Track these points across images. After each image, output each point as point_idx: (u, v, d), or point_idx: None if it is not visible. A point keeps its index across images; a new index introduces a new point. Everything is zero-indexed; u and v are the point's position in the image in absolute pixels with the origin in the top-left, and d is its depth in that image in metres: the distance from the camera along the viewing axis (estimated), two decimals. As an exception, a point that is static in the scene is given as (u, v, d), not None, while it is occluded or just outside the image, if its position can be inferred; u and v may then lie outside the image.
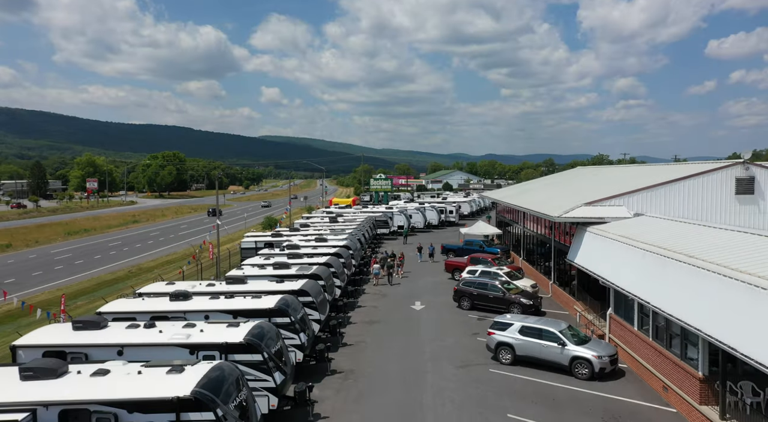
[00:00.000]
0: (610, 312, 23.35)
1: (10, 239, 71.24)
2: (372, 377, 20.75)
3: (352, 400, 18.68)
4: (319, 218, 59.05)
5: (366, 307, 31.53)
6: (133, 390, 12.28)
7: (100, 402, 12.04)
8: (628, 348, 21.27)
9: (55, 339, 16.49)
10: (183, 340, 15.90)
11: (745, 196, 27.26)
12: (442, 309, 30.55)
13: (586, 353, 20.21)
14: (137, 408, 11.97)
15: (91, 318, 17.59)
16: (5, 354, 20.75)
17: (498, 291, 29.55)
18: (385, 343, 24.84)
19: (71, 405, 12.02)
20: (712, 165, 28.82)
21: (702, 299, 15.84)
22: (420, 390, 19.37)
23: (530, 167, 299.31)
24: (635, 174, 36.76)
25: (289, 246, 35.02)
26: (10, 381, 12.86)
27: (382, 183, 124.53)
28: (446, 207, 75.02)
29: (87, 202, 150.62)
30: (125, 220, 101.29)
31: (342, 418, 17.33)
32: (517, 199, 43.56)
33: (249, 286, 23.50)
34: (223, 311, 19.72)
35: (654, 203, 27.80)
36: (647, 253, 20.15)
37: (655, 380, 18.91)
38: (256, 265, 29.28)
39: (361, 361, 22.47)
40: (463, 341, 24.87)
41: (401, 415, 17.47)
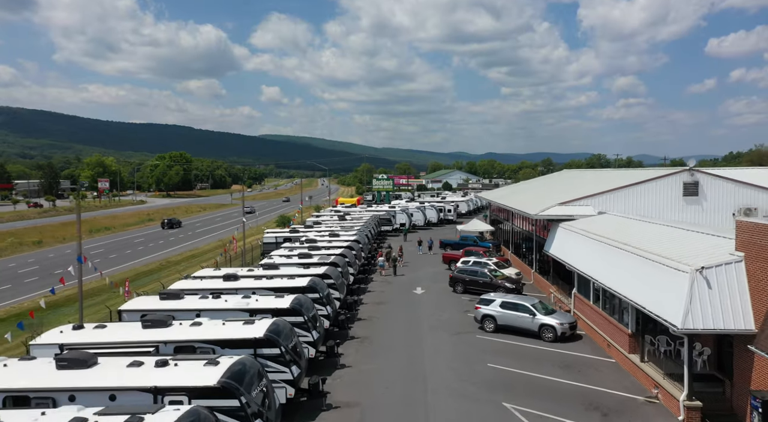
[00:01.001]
0: (574, 291, 28.88)
1: (40, 236, 76.83)
2: (382, 341, 26.25)
3: (368, 356, 24.19)
4: (329, 217, 64.56)
5: (374, 292, 37.05)
6: (223, 334, 17.78)
7: (201, 340, 17.56)
8: (585, 318, 26.83)
9: (149, 305, 21.99)
10: (244, 306, 21.41)
11: (691, 197, 32.80)
12: (440, 293, 36.07)
13: (552, 321, 25.76)
14: (227, 345, 17.43)
15: (172, 290, 23.15)
16: (104, 316, 26.55)
17: (486, 277, 35.07)
18: (391, 318, 30.37)
19: (182, 343, 17.54)
20: (665, 171, 34.40)
21: (629, 274, 21.40)
22: (421, 350, 24.88)
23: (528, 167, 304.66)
24: (607, 177, 42.35)
25: (307, 240, 40.56)
26: (134, 329, 18.37)
27: (384, 183, 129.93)
28: (445, 206, 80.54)
29: (99, 201, 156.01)
30: (141, 219, 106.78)
31: (361, 367, 22.83)
32: (506, 199, 49.15)
33: (281, 271, 29.02)
34: (266, 288, 25.18)
35: (616, 202, 33.35)
36: (598, 243, 25.69)
37: (601, 339, 24.46)
38: (283, 255, 34.82)
39: (374, 330, 28.00)
40: (456, 316, 30.38)
41: (406, 366, 22.97)
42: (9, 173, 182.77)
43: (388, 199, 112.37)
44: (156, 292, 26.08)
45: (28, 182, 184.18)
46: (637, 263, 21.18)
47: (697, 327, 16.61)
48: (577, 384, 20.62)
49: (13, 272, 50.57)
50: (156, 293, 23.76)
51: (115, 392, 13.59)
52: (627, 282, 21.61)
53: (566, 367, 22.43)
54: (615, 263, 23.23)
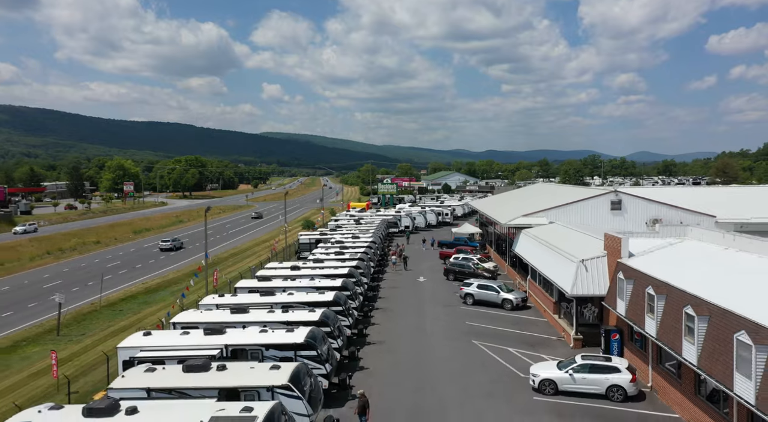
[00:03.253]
0: (528, 278, 41.95)
1: (96, 237, 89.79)
2: (398, 311, 39.27)
3: (389, 319, 37.21)
4: (346, 221, 77.56)
5: (389, 280, 50.09)
6: (270, 339, 28.52)
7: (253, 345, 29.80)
8: (534, 294, 39.95)
9: (224, 300, 33.75)
10: (304, 299, 33.96)
11: (616, 211, 45.79)
12: (436, 281, 49.10)
13: (510, 296, 38.83)
14: (274, 347, 28.73)
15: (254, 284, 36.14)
16: (190, 302, 39.50)
17: (471, 269, 48.13)
18: (403, 296, 43.42)
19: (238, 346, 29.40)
20: (598, 191, 47.64)
21: (552, 264, 34.46)
22: (423, 315, 37.91)
23: (525, 167, 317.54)
24: (563, 192, 55.53)
25: (337, 242, 53.62)
26: (196, 335, 29.38)
27: (388, 187, 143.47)
28: (443, 210, 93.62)
29: (125, 203, 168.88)
30: (172, 220, 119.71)
31: (385, 325, 35.79)
32: (488, 209, 62.32)
33: (325, 264, 42.02)
34: (320, 276, 38.05)
35: (564, 214, 46.31)
36: (542, 245, 38.76)
37: (541, 307, 37.58)
38: (323, 253, 47.87)
39: (391, 304, 41.05)
40: (447, 295, 43.41)
41: (414, 324, 35.96)
42: (38, 175, 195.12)
43: (392, 202, 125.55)
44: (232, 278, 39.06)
45: (56, 184, 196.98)
46: (556, 257, 34.25)
47: (578, 293, 29.68)
48: (520, 332, 33.68)
49: (102, 266, 63.39)
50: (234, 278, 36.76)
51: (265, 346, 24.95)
52: (551, 269, 34.63)
53: (516, 324, 35.49)
54: (547, 257, 36.30)
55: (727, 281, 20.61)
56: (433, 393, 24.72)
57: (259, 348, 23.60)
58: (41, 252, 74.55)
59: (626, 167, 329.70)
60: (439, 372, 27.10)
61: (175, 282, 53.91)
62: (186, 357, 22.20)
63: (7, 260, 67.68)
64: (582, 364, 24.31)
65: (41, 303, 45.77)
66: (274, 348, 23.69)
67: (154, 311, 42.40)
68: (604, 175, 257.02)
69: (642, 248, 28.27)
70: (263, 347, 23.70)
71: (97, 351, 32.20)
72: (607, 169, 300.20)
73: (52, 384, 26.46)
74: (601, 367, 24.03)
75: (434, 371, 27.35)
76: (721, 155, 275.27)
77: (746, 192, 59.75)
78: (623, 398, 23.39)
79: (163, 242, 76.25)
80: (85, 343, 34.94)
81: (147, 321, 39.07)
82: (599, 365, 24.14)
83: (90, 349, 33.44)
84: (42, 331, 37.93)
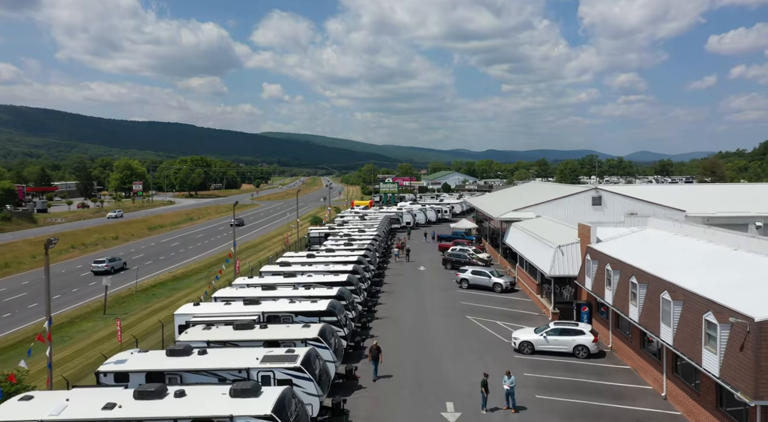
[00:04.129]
0: (517, 265, 47.26)
1: (114, 233, 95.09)
2: (401, 293, 44.57)
3: (394, 300, 42.48)
4: (351, 217, 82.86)
5: (393, 269, 55.38)
6: (298, 307, 34.39)
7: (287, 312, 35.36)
8: (521, 278, 45.28)
9: (254, 281, 39.55)
10: (322, 280, 39.41)
11: (596, 206, 51.06)
12: (435, 269, 54.38)
13: (500, 280, 44.14)
14: (302, 314, 34.46)
15: (277, 269, 41.46)
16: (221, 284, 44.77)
17: (466, 258, 53.42)
18: (406, 282, 48.71)
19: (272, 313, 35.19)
20: (580, 188, 52.97)
21: (536, 250, 39.79)
22: (423, 296, 43.20)
23: (524, 167, 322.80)
24: (551, 189, 60.79)
25: (345, 235, 58.88)
26: (236, 305, 35.23)
27: (390, 186, 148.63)
28: (442, 208, 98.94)
29: (134, 202, 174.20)
30: (183, 218, 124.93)
31: (391, 305, 41.06)
32: (483, 205, 67.60)
33: (337, 253, 47.32)
34: (333, 262, 43.32)
35: (549, 209, 51.58)
36: (528, 235, 44.07)
37: (527, 289, 42.92)
38: (333, 244, 53.15)
39: (395, 287, 46.36)
40: (445, 281, 48.69)
41: (415, 304, 41.23)
42: (50, 176, 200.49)
43: (394, 200, 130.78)
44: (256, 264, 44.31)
45: (66, 183, 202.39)
46: (538, 244, 39.56)
47: (556, 273, 35.01)
48: (506, 309, 39.00)
49: (128, 258, 68.54)
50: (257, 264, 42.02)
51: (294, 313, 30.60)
52: (534, 254, 39.93)
53: (504, 303, 40.81)
54: (531, 245, 41.61)
55: (667, 258, 25.95)
56: (431, 351, 30.06)
57: (289, 315, 28.89)
58: (66, 247, 79.75)
59: (623, 167, 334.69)
60: (436, 338, 32.43)
61: (198, 272, 59.19)
62: (231, 321, 27.46)
63: (38, 253, 72.88)
64: (554, 328, 29.64)
65: (81, 289, 51.18)
66: (302, 315, 28.96)
67: (184, 295, 47.64)
68: (602, 174, 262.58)
69: (609, 235, 33.56)
70: (293, 314, 28.99)
71: (144, 324, 37.54)
72: (605, 169, 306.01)
73: (116, 347, 31.71)
74: (569, 330, 29.35)
75: (432, 337, 32.68)
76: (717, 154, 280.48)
77: (721, 190, 65.10)
78: (587, 355, 28.69)
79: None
80: (130, 320, 40.19)
81: (179, 302, 44.20)
82: (567, 328, 29.48)
83: (137, 324, 38.72)
84: (90, 311, 43.24)
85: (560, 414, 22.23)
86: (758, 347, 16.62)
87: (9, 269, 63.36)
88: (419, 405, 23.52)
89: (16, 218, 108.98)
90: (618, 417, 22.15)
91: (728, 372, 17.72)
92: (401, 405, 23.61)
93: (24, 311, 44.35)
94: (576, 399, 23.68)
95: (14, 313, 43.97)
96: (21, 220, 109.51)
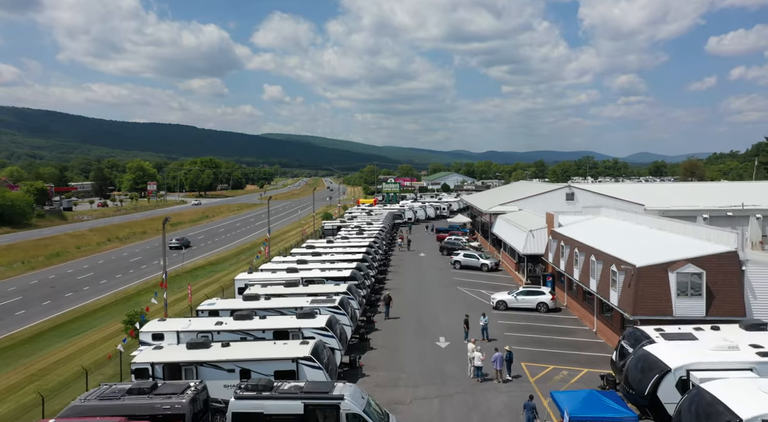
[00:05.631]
0: (501, 250, 56.63)
1: (142, 228, 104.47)
2: (404, 273, 53.91)
3: (398, 277, 51.82)
4: (359, 213, 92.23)
5: (396, 256, 64.73)
6: (328, 274, 44.00)
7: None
8: (504, 260, 54.67)
9: (288, 258, 49.11)
10: (343, 258, 48.91)
11: (570, 201, 60.38)
12: (434, 255, 63.71)
13: (487, 261, 53.55)
14: (331, 279, 44.10)
15: (305, 251, 50.87)
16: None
17: (460, 245, 62.78)
18: (408, 265, 58.08)
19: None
20: (556, 186, 62.33)
21: (515, 234, 49.19)
22: (423, 275, 52.53)
23: (522, 168, 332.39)
24: (535, 187, 70.15)
25: (356, 227, 68.28)
26: (280, 273, 45.74)
27: (392, 186, 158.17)
28: (440, 205, 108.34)
29: (149, 202, 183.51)
30: (200, 216, 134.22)
31: (396, 280, 50.37)
32: (475, 201, 77.04)
33: (351, 240, 56.67)
34: (350, 246, 52.61)
35: (530, 204, 60.86)
36: (510, 224, 53.46)
37: (508, 268, 52.33)
38: (347, 233, 62.51)
39: (399, 269, 55.70)
40: (441, 264, 58.02)
41: (416, 280, 50.56)
42: (67, 177, 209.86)
43: (396, 199, 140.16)
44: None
45: (82, 184, 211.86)
46: (516, 230, 48.96)
47: (528, 252, 44.43)
48: (490, 282, 48.31)
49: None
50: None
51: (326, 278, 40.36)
52: (512, 238, 49.28)
53: (488, 278, 50.13)
54: (511, 231, 50.99)
55: (602, 235, 35.37)
56: (428, 308, 39.44)
57: (322, 279, 38.20)
58: (104, 240, 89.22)
59: (618, 168, 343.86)
60: (433, 300, 41.80)
61: (228, 258, 68.58)
62: (278, 283, 36.80)
63: (83, 244, 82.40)
64: (522, 290, 39.03)
65: (135, 271, 60.69)
66: (331, 280, 38.27)
67: (223, 275, 56.96)
68: (597, 175, 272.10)
69: (569, 222, 42.89)
70: (325, 278, 38.31)
71: (202, 291, 46.96)
72: (600, 170, 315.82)
73: (187, 308, 41.01)
74: (533, 292, 38.73)
75: (429, 300, 42.05)
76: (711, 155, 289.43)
77: (682, 188, 74.53)
78: (546, 310, 37.99)
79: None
80: (185, 292, 49.52)
81: (221, 281, 53.64)
82: (532, 290, 38.88)
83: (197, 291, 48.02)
84: (148, 286, 52.58)
85: (521, 342, 31.52)
86: (637, 283, 26.01)
87: (66, 256, 72.82)
88: (420, 338, 32.90)
89: (48, 216, 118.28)
90: (560, 343, 31.49)
91: (622, 302, 27.12)
92: (407, 338, 32.98)
93: (97, 286, 53.77)
94: (534, 334, 33.03)
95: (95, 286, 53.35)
96: (53, 217, 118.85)
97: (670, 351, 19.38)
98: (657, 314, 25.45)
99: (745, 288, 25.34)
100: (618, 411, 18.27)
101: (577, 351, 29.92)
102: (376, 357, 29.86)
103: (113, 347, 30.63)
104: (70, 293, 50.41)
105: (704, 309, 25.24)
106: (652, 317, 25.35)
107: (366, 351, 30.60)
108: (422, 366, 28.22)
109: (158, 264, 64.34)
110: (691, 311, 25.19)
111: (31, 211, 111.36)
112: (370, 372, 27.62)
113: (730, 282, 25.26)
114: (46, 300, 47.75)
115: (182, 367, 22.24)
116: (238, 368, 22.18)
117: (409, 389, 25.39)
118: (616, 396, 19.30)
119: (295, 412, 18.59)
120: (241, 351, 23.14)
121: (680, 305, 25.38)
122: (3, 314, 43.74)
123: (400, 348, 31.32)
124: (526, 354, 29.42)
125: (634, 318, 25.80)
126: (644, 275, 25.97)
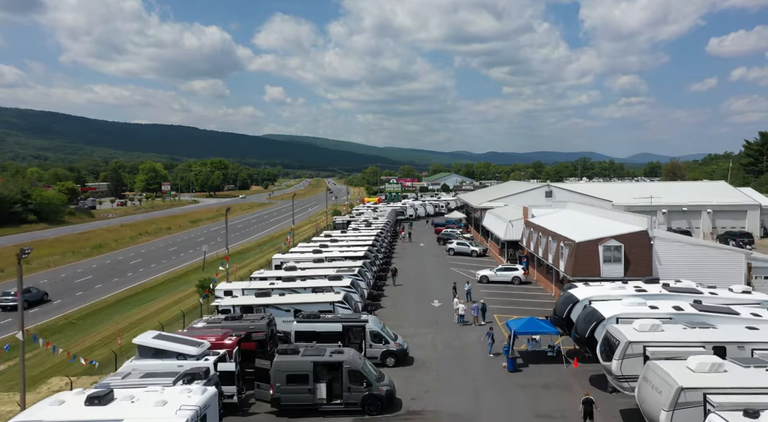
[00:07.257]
0: (489, 239, 66.51)
1: (166, 224, 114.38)
2: (406, 258, 63.76)
3: (403, 262, 61.65)
4: (365, 210, 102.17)
5: (399, 246, 74.60)
6: (346, 254, 54.81)
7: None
8: (491, 248, 64.58)
9: (310, 244, 59.09)
10: (356, 243, 58.81)
11: (548, 198, 70.23)
12: (432, 245, 73.56)
13: (476, 248, 63.48)
14: (348, 258, 54.28)
15: (323, 239, 60.89)
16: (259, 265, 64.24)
17: (454, 237, 72.66)
18: (409, 253, 67.95)
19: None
20: (538, 184, 72.19)
21: (497, 225, 59.11)
22: (422, 260, 62.39)
23: (520, 169, 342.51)
24: (522, 186, 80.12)
25: (364, 221, 78.24)
26: (307, 254, 55.62)
27: (394, 186, 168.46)
28: (439, 203, 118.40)
29: (164, 201, 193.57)
30: (215, 214, 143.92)
31: (399, 263, 60.17)
32: (470, 199, 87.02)
33: (361, 231, 66.57)
34: (361, 236, 62.44)
35: (515, 200, 70.69)
36: (494, 217, 63.34)
37: (493, 254, 62.24)
38: (357, 226, 72.45)
39: (402, 256, 65.59)
40: (438, 252, 67.85)
41: (416, 264, 60.43)
42: (84, 178, 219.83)
43: (398, 198, 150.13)
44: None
45: (99, 184, 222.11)
46: (499, 221, 58.86)
47: (507, 238, 54.34)
48: (478, 265, 58.04)
49: (194, 240, 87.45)
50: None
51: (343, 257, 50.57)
52: (496, 228, 59.12)
53: (477, 262, 59.97)
54: (495, 222, 60.88)
55: (563, 223, 45.26)
56: (426, 283, 49.37)
57: (342, 257, 48.07)
58: (135, 234, 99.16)
59: (614, 169, 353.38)
60: (430, 277, 51.71)
61: (252, 249, 78.47)
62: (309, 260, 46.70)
63: (118, 238, 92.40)
64: (501, 267, 48.97)
65: (176, 258, 70.70)
66: (349, 259, 48.10)
67: (251, 261, 66.82)
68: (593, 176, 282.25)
69: (540, 213, 52.74)
70: (343, 257, 48.17)
71: (241, 271, 56.76)
72: (597, 170, 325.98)
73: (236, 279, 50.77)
74: (510, 268, 48.65)
75: (427, 276, 51.94)
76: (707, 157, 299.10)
77: (650, 186, 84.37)
78: (520, 283, 47.86)
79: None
80: (222, 273, 59.39)
81: (251, 266, 63.47)
82: (509, 267, 48.82)
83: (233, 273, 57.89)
84: (191, 269, 62.49)
85: (496, 304, 41.33)
86: (576, 254, 35.88)
87: (108, 248, 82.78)
88: (419, 300, 42.81)
89: (78, 213, 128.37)
90: (524, 303, 41.34)
91: (566, 268, 37.00)
92: (409, 301, 42.88)
93: (148, 268, 63.79)
94: (507, 298, 42.91)
95: (147, 269, 63.22)
96: (82, 215, 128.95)
97: (582, 290, 29.14)
98: (589, 275, 35.29)
99: (653, 257, 35.18)
100: (547, 328, 28.21)
101: (534, 307, 39.77)
102: (385, 312, 39.72)
103: (182, 309, 40.46)
104: (130, 273, 60.55)
105: (623, 272, 35.11)
106: (586, 278, 35.16)
107: (378, 308, 40.52)
108: (420, 317, 38.13)
109: (192, 253, 74.47)
110: (613, 273, 35.06)
111: (64, 209, 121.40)
112: (381, 321, 37.50)
113: (641, 253, 35.13)
114: (114, 278, 57.80)
115: (254, 308, 32.11)
116: (292, 308, 32.05)
117: (411, 329, 35.29)
118: (547, 321, 29.22)
119: (336, 330, 28.40)
120: (293, 298, 33.06)
121: (606, 269, 35.25)
122: (85, 287, 53.87)
123: (403, 306, 41.23)
124: (498, 309, 39.28)
125: (573, 278, 35.65)
126: (581, 248, 35.84)
